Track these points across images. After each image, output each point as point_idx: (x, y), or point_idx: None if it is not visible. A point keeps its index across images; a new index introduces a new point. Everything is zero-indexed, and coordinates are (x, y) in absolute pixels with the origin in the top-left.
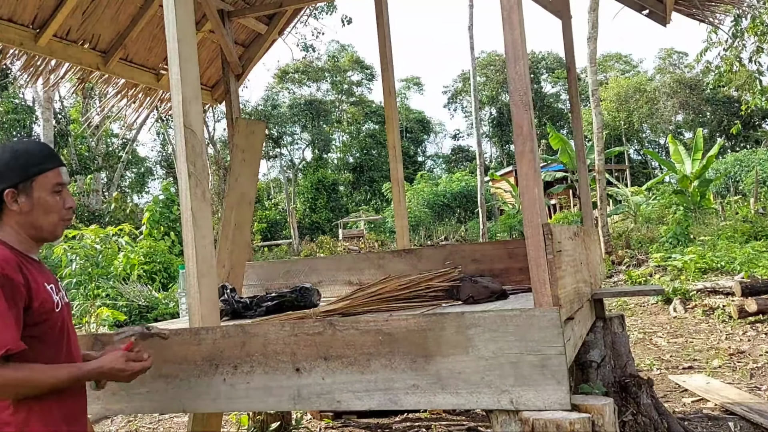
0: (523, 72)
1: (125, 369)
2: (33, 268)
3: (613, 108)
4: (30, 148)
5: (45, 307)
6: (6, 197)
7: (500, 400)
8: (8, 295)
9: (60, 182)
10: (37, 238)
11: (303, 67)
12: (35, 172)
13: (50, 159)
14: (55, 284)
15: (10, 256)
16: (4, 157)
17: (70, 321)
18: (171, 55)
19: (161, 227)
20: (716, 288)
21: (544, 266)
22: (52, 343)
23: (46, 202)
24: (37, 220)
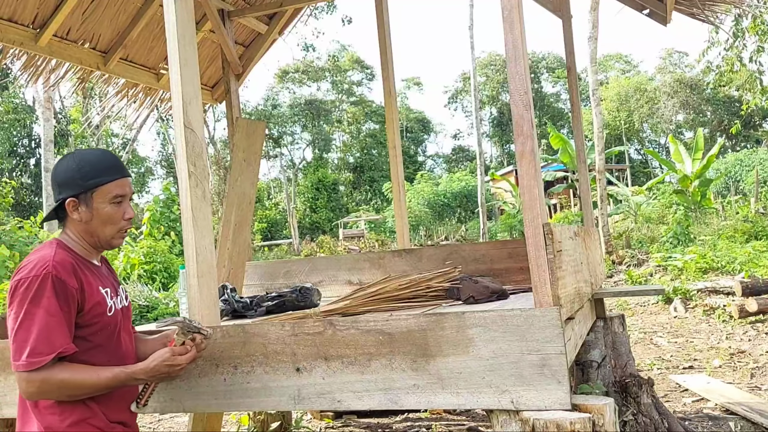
0: (524, 71)
1: (173, 364)
2: (89, 272)
3: (613, 108)
4: (94, 160)
5: (97, 311)
6: (67, 206)
7: (501, 400)
8: (61, 297)
9: (120, 194)
10: (95, 245)
11: (303, 66)
12: (96, 184)
13: (112, 171)
14: (112, 288)
15: (66, 260)
16: (70, 167)
17: (127, 324)
18: (171, 54)
19: (161, 227)
20: (717, 288)
21: (545, 266)
22: (103, 346)
23: (105, 212)
24: (96, 230)
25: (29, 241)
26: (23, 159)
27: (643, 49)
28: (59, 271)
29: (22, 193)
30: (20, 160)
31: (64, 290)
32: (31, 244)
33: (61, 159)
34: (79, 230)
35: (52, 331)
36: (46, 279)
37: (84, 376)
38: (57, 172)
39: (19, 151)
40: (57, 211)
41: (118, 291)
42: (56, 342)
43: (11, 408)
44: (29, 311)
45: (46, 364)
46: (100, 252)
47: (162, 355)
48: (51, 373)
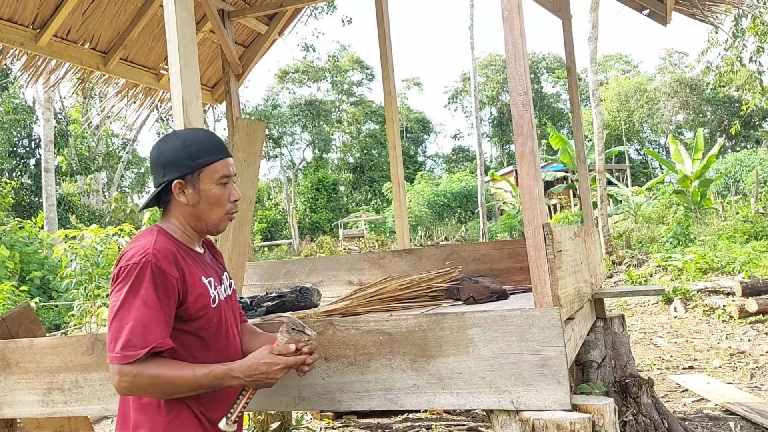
0: (524, 72)
1: (272, 362)
2: (191, 261)
3: (613, 108)
4: (199, 139)
5: (201, 303)
6: (174, 189)
7: (501, 400)
8: (160, 288)
9: (226, 174)
10: (200, 230)
11: (303, 67)
12: (203, 164)
13: (218, 150)
14: (216, 277)
15: (168, 248)
16: (174, 147)
17: (231, 315)
18: (171, 55)
19: None
20: (717, 288)
21: (545, 266)
22: (211, 341)
23: (213, 194)
24: (202, 213)
25: (29, 242)
26: (23, 159)
27: (643, 49)
28: (159, 260)
29: (22, 194)
30: (20, 161)
31: (164, 281)
32: (31, 245)
33: (162, 140)
34: (184, 215)
35: (148, 323)
36: (145, 268)
37: (178, 373)
38: (160, 153)
39: (19, 151)
40: (159, 196)
41: (222, 279)
42: (151, 336)
43: (11, 408)
44: (126, 301)
45: (139, 359)
46: (204, 237)
47: (261, 352)
48: (144, 367)
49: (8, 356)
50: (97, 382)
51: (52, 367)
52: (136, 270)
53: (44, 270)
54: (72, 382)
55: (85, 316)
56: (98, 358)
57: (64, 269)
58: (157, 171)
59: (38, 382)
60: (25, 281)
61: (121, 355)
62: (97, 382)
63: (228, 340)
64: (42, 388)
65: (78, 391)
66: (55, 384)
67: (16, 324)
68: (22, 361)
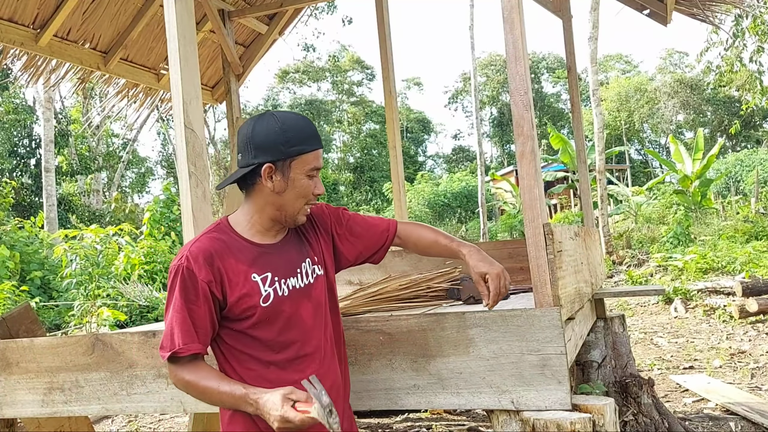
0: (524, 72)
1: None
2: (243, 258)
3: (613, 108)
4: (298, 125)
5: (245, 303)
6: (263, 172)
7: (501, 400)
8: (191, 292)
9: (317, 166)
10: (278, 219)
11: (303, 67)
12: (298, 152)
13: (313, 140)
14: (281, 270)
15: (206, 249)
16: (273, 130)
17: (308, 305)
18: (171, 55)
19: (162, 227)
20: (717, 288)
21: (545, 266)
22: (264, 338)
23: (300, 184)
24: (286, 202)
25: (29, 242)
26: (23, 159)
27: (644, 49)
28: (191, 263)
29: (23, 194)
30: (20, 161)
31: (194, 284)
32: (31, 244)
33: (258, 118)
34: (266, 201)
35: (174, 327)
36: (178, 272)
37: (205, 384)
38: (256, 133)
39: (19, 151)
40: (245, 176)
41: (297, 269)
42: (175, 340)
43: (12, 408)
44: (167, 302)
45: (168, 360)
46: (277, 229)
47: (276, 399)
48: (182, 371)
49: (8, 356)
50: (97, 382)
51: (53, 367)
52: (171, 274)
53: (44, 270)
54: (72, 382)
55: (86, 316)
56: (98, 358)
57: (65, 269)
58: (248, 150)
59: (38, 382)
60: (26, 281)
61: (160, 354)
62: (97, 382)
63: (301, 334)
64: (42, 388)
65: (78, 391)
66: (56, 384)
67: (16, 324)
68: (22, 361)
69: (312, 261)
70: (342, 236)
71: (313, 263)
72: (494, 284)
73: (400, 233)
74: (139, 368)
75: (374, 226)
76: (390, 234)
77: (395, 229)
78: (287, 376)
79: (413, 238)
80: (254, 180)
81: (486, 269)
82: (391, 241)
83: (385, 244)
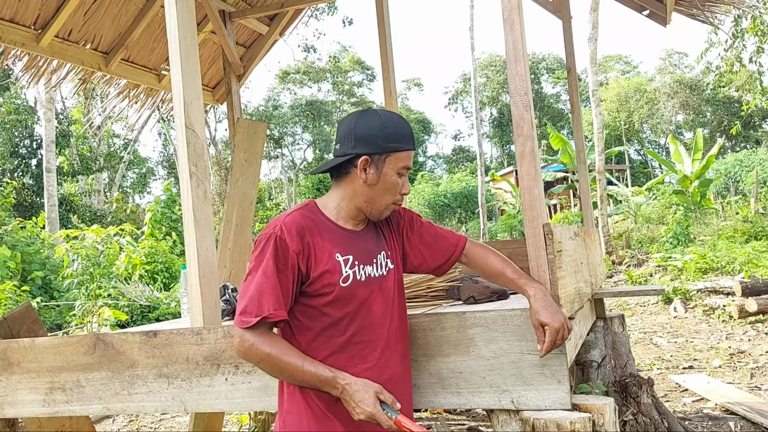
0: (524, 72)
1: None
2: (330, 237)
3: (613, 108)
4: (397, 123)
5: (326, 280)
6: (359, 163)
7: (501, 399)
8: (280, 260)
9: (407, 166)
10: (365, 210)
11: (304, 67)
12: (394, 149)
13: (409, 139)
14: (361, 257)
15: (298, 221)
16: (374, 124)
17: (380, 295)
18: (172, 55)
19: (163, 227)
20: (716, 288)
21: (545, 266)
22: (337, 318)
23: (391, 180)
24: (374, 196)
25: (31, 242)
26: (25, 160)
27: (643, 49)
28: (284, 233)
29: (24, 194)
30: (22, 161)
31: (285, 253)
32: (33, 245)
33: (361, 113)
34: (356, 191)
35: (264, 293)
36: (271, 239)
37: (288, 360)
38: (358, 125)
39: (20, 151)
40: (340, 165)
41: (374, 258)
42: (264, 305)
43: (13, 408)
44: (253, 269)
45: (253, 326)
46: (362, 219)
47: (368, 387)
48: (262, 341)
49: (10, 356)
50: (98, 382)
51: (54, 366)
52: (263, 241)
53: (46, 270)
54: (73, 381)
55: (87, 316)
56: (99, 358)
57: (66, 269)
58: (348, 141)
59: (40, 382)
60: (27, 281)
61: (238, 320)
62: (98, 382)
63: (369, 320)
64: (43, 387)
65: (79, 391)
66: (57, 384)
67: (17, 324)
68: (23, 361)
69: (386, 254)
70: (411, 241)
71: (387, 256)
72: (551, 338)
73: (468, 253)
74: (140, 368)
75: (444, 239)
76: (457, 251)
77: (463, 246)
78: (346, 360)
79: (480, 262)
80: (348, 169)
81: (547, 320)
82: (456, 258)
83: (451, 259)
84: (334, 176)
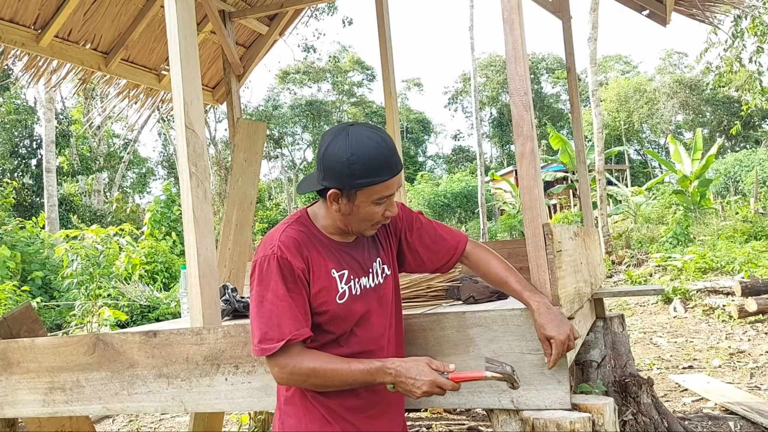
0: (524, 72)
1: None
2: (323, 251)
3: (613, 108)
4: (367, 156)
5: (323, 298)
6: (328, 197)
7: (501, 399)
8: (289, 280)
9: (386, 195)
10: (345, 231)
11: (304, 67)
12: (364, 185)
13: (384, 171)
14: (356, 268)
15: (293, 237)
16: (340, 159)
17: (377, 305)
18: (172, 55)
19: (162, 227)
20: (716, 288)
21: (545, 266)
22: (337, 333)
23: (365, 211)
24: (349, 223)
25: (31, 242)
26: (25, 160)
27: (643, 49)
28: (283, 252)
29: (24, 194)
30: (22, 161)
31: (291, 272)
32: (33, 245)
33: (334, 139)
34: (332, 215)
35: (281, 316)
36: (272, 261)
37: (334, 367)
38: (326, 156)
39: (20, 151)
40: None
41: (370, 268)
42: (284, 328)
43: (13, 408)
44: (259, 294)
45: (280, 351)
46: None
47: (420, 361)
48: (300, 360)
49: (9, 356)
50: (98, 382)
51: (54, 366)
52: (265, 263)
53: (46, 270)
54: (73, 381)
55: (87, 316)
56: (99, 358)
57: (66, 269)
58: (319, 168)
59: (39, 382)
60: (27, 281)
61: (260, 349)
62: (98, 382)
63: (369, 332)
64: (43, 387)
65: (79, 391)
66: (57, 384)
67: (17, 324)
68: (23, 361)
69: (382, 260)
70: (410, 244)
71: (383, 262)
72: (557, 350)
73: (469, 254)
74: (140, 368)
75: (443, 240)
76: (457, 253)
77: (464, 248)
78: None
79: (482, 266)
80: (324, 195)
81: (553, 333)
82: (456, 260)
83: (450, 261)
84: (320, 195)
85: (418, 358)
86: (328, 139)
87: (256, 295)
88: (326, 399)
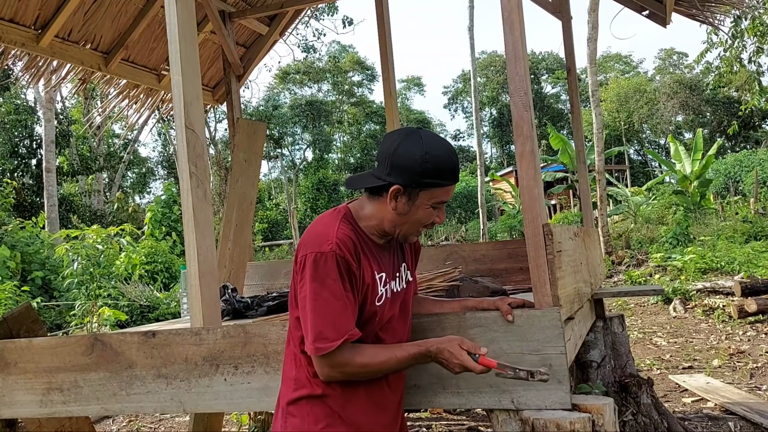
0: (524, 73)
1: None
2: (369, 253)
3: (613, 108)
4: (440, 158)
5: (368, 298)
6: (390, 192)
7: (501, 399)
8: (346, 279)
9: (444, 200)
10: (389, 233)
11: (304, 67)
12: (431, 184)
13: (450, 175)
14: (390, 272)
15: (349, 236)
16: (413, 156)
17: (397, 310)
18: (172, 55)
19: (163, 227)
20: (716, 288)
21: (545, 266)
22: (365, 335)
23: (423, 212)
24: (402, 224)
25: (31, 242)
26: (25, 160)
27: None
28: (342, 250)
29: (24, 194)
30: (22, 161)
31: (349, 271)
32: (33, 245)
33: (406, 137)
34: (383, 216)
35: (338, 315)
36: (330, 258)
37: (383, 359)
38: (398, 153)
39: (20, 151)
40: (378, 187)
41: (397, 272)
42: (342, 327)
43: (10, 408)
44: (315, 292)
45: (335, 350)
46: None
47: (452, 340)
48: (352, 356)
49: (7, 356)
50: (96, 383)
51: (51, 367)
52: (322, 259)
53: (46, 270)
54: (71, 382)
55: (87, 316)
56: (97, 359)
57: (66, 269)
58: (385, 165)
59: (37, 383)
60: (27, 281)
61: (315, 348)
62: (96, 383)
63: (391, 336)
64: (41, 388)
65: (77, 392)
66: (54, 384)
67: (17, 324)
68: (20, 362)
69: (406, 266)
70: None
71: (407, 268)
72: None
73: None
74: (139, 368)
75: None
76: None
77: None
78: None
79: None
80: (381, 192)
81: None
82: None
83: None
84: (367, 190)
85: (451, 339)
86: (398, 138)
87: (311, 291)
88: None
